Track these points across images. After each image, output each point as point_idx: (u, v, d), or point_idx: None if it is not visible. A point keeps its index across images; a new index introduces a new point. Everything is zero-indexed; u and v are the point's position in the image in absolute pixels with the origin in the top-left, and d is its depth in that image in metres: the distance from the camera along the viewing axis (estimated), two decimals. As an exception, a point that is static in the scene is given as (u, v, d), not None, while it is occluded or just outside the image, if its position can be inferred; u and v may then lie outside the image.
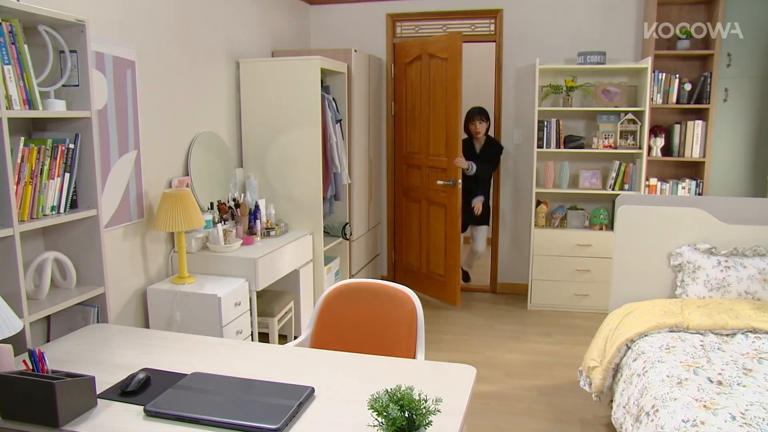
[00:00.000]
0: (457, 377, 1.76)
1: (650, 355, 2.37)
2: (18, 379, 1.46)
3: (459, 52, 4.16)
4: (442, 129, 4.39)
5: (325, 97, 3.87)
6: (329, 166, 3.97)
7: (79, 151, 2.26)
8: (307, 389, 1.62)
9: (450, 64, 4.23)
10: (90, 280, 2.39)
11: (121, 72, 2.80)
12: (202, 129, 3.48)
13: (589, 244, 4.31)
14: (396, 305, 2.21)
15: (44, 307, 2.14)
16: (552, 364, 3.55)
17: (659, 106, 4.12)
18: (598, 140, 4.26)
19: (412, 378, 1.75)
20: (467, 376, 1.77)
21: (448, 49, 4.25)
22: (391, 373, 1.77)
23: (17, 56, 1.96)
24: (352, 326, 2.25)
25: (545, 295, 4.45)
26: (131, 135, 2.89)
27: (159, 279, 3.14)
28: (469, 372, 1.79)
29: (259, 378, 1.70)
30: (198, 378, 1.69)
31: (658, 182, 4.21)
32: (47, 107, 2.13)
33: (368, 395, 1.61)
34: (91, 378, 1.54)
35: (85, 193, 2.32)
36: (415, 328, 2.15)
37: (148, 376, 1.68)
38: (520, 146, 4.72)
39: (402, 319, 2.18)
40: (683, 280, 2.96)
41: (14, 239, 1.94)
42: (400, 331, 2.18)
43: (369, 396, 1.34)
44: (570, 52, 4.45)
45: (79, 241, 2.36)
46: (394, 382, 1.69)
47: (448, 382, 1.72)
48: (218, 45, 3.63)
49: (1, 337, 1.58)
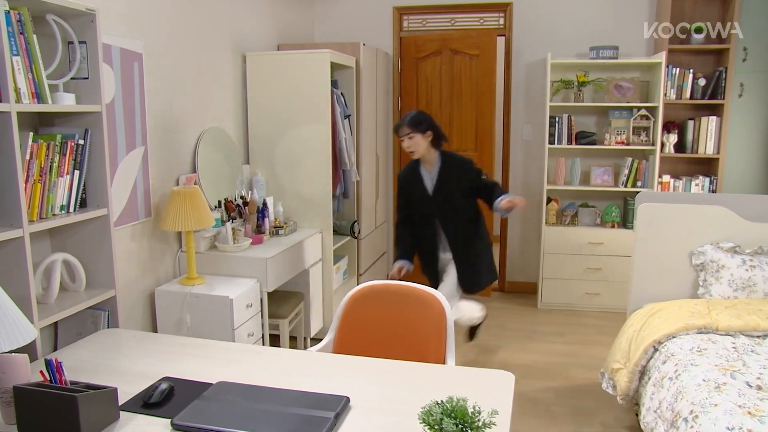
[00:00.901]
0: (496, 384, 1.68)
1: (681, 357, 2.30)
2: (37, 392, 1.36)
3: (493, 49, 4.45)
4: (471, 125, 4.63)
5: (334, 92, 3.77)
6: (338, 163, 3.87)
7: (89, 147, 2.16)
8: (342, 399, 1.53)
9: (483, 61, 4.51)
10: (99, 283, 2.28)
11: (128, 65, 2.69)
12: (209, 124, 3.38)
13: (600, 242, 4.24)
14: (423, 308, 2.12)
15: (54, 311, 2.03)
16: (568, 364, 3.48)
17: (672, 101, 4.06)
18: (611, 136, 4.19)
19: (449, 385, 1.66)
20: (506, 382, 1.69)
21: (480, 46, 4.50)
22: (427, 381, 1.69)
23: (26, 47, 1.85)
24: (377, 330, 2.16)
25: (556, 293, 4.39)
26: (138, 130, 2.78)
27: (166, 280, 3.03)
28: (508, 378, 1.71)
29: (287, 386, 1.61)
30: (225, 388, 1.60)
31: (671, 179, 4.15)
32: (56, 101, 2.02)
33: (407, 404, 1.53)
34: (113, 389, 1.45)
35: (94, 191, 2.21)
36: (444, 333, 2.06)
37: (171, 386, 1.59)
38: (530, 142, 4.65)
39: (430, 323, 2.10)
40: (706, 279, 2.89)
41: (24, 241, 1.83)
42: (428, 336, 2.09)
43: (409, 406, 1.26)
44: (581, 47, 4.37)
45: (88, 242, 2.25)
46: (431, 390, 1.62)
47: (488, 390, 1.64)
48: (224, 38, 3.52)
49: (15, 346, 1.47)
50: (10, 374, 1.40)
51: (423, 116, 3.08)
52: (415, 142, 3.03)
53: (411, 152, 3.07)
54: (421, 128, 3.03)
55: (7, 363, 1.40)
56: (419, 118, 3.06)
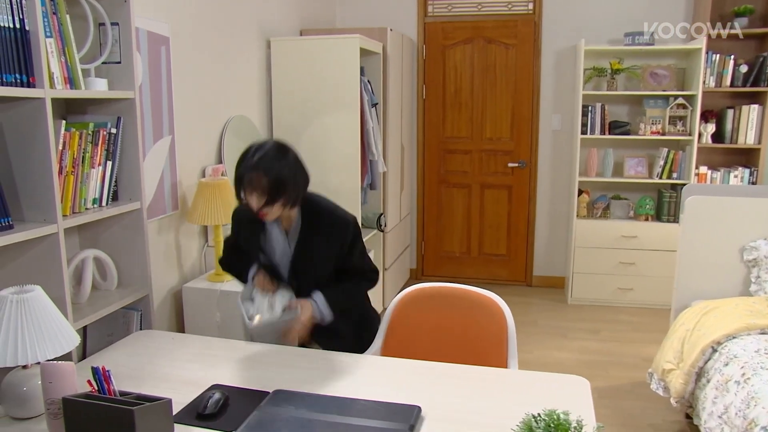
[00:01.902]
0: (571, 390, 1.57)
1: (747, 359, 2.18)
2: (90, 404, 1.23)
3: (531, 38, 4.41)
4: (506, 115, 4.57)
5: (361, 79, 3.63)
6: (365, 153, 3.73)
7: (121, 136, 2.02)
8: (414, 409, 1.41)
9: (520, 51, 4.46)
10: (131, 281, 2.16)
11: (155, 49, 2.54)
12: (234, 112, 3.24)
13: (634, 236, 4.11)
14: (481, 312, 1.99)
15: (87, 313, 1.91)
16: (606, 363, 3.36)
17: (711, 89, 3.90)
18: (646, 126, 4.04)
19: (522, 392, 1.55)
20: (582, 388, 1.57)
21: (517, 36, 4.45)
22: (497, 386, 1.57)
23: (59, 28, 1.71)
24: (429, 335, 2.03)
25: (587, 288, 4.25)
26: (166, 118, 2.65)
27: (193, 276, 2.91)
28: (582, 384, 1.60)
29: (349, 395, 1.49)
30: (284, 397, 1.47)
31: (708, 170, 4.01)
32: (88, 86, 1.88)
33: (484, 414, 1.41)
34: (168, 401, 1.32)
35: (126, 183, 2.08)
36: (505, 337, 1.93)
37: (225, 395, 1.46)
38: (559, 132, 4.50)
39: (488, 327, 1.97)
40: (759, 276, 2.76)
41: (58, 237, 1.70)
42: (486, 340, 1.96)
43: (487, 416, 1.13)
44: (614, 33, 4.20)
45: (119, 238, 2.13)
46: (505, 397, 1.51)
47: (566, 397, 1.52)
48: (248, 22, 3.37)
49: (61, 353, 1.36)
50: (57, 384, 1.28)
51: (283, 171, 1.71)
52: (271, 212, 1.73)
53: (263, 213, 1.73)
54: (282, 197, 1.71)
55: (54, 372, 1.27)
56: (280, 175, 1.69)
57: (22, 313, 1.32)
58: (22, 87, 1.56)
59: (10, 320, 1.31)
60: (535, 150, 4.55)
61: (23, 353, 1.30)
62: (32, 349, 1.31)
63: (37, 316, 1.34)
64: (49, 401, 1.28)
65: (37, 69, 1.59)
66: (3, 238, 1.54)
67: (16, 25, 1.53)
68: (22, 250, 1.72)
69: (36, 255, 1.72)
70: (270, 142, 1.76)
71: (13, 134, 1.65)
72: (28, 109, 1.61)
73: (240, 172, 1.70)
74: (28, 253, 1.73)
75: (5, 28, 1.51)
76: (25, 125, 1.63)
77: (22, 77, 1.56)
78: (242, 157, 1.72)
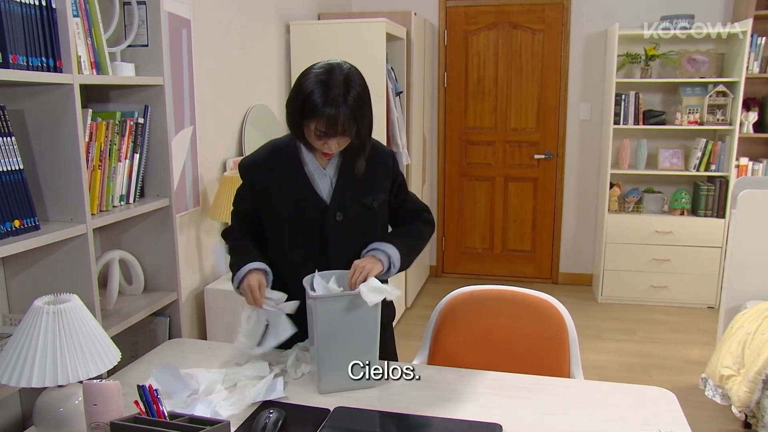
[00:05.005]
0: (657, 403, 1.42)
1: (823, 367, 2.02)
2: (142, 429, 1.07)
3: (559, 23, 4.23)
4: (532, 103, 4.38)
5: (385, 67, 3.44)
6: (389, 145, 3.55)
7: (149, 126, 1.84)
8: (495, 428, 1.25)
9: (548, 36, 4.28)
10: (157, 285, 1.99)
11: (176, 32, 2.36)
12: (254, 101, 3.06)
13: (669, 231, 3.94)
14: (538, 316, 1.84)
15: (114, 321, 1.73)
16: (647, 366, 3.21)
17: (755, 75, 3.71)
18: (682, 115, 3.86)
19: (609, 406, 1.40)
20: (669, 401, 1.42)
21: (544, 21, 4.26)
22: (577, 400, 1.42)
23: (85, 6, 1.53)
24: (480, 342, 1.86)
25: (618, 286, 4.09)
26: (187, 107, 2.47)
27: (214, 278, 2.73)
28: (668, 397, 1.45)
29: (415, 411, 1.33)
30: (347, 415, 1.31)
31: (750, 162, 3.83)
32: (115, 71, 1.70)
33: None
34: (226, 423, 1.15)
35: (154, 178, 1.91)
36: (566, 343, 1.78)
37: (282, 413, 1.30)
38: (588, 122, 4.32)
39: (545, 332, 1.81)
40: (819, 274, 2.60)
41: (87, 238, 1.53)
42: (542, 347, 1.81)
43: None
44: (648, 16, 3.96)
45: (145, 237, 1.95)
46: (590, 412, 1.35)
47: (654, 411, 1.38)
48: (266, 3, 3.18)
49: (102, 370, 1.19)
50: (102, 406, 1.11)
51: (371, 116, 1.51)
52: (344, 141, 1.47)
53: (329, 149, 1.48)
54: (367, 145, 1.52)
55: (99, 393, 1.11)
56: (371, 122, 1.51)
57: (60, 327, 1.15)
58: (49, 72, 1.38)
59: (47, 334, 1.14)
60: (562, 141, 4.37)
61: (63, 372, 1.14)
62: (73, 367, 1.15)
63: (75, 329, 1.17)
64: (94, 425, 1.12)
65: (65, 52, 1.41)
66: (30, 240, 1.37)
67: (42, 2, 1.34)
68: (45, 252, 1.55)
69: (61, 258, 1.55)
70: (351, 71, 1.45)
71: (37, 124, 1.47)
72: (54, 97, 1.44)
73: (329, 112, 1.35)
74: (52, 256, 1.56)
75: (29, 5, 1.33)
76: (50, 115, 1.45)
77: (48, 61, 1.38)
78: (323, 81, 1.38)
